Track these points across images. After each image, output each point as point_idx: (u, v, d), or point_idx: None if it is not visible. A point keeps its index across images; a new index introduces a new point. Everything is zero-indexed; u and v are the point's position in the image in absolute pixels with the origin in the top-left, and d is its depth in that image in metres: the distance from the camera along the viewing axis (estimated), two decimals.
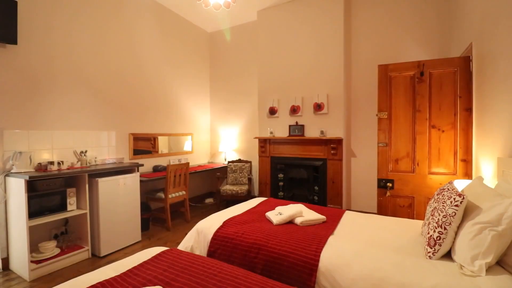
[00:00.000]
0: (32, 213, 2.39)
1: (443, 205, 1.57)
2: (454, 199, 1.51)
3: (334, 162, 3.79)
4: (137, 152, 3.86)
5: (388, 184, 2.80)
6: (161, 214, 3.65)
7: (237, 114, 5.12)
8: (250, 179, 4.62)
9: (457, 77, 2.63)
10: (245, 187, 4.35)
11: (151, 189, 3.86)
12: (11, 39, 2.49)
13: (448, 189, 1.68)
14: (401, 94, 2.83)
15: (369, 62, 3.86)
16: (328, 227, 1.96)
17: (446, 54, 3.37)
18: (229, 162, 4.81)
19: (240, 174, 4.64)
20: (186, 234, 3.32)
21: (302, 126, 4.10)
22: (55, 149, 2.85)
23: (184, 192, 3.82)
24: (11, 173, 2.46)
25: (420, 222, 2.14)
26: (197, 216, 4.12)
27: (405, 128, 2.79)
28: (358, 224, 2.06)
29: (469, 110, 2.56)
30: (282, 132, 4.30)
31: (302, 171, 4.19)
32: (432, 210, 1.69)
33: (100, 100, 3.35)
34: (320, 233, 1.82)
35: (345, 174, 3.86)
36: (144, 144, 4.03)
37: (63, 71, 2.97)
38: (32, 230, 2.40)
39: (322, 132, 3.87)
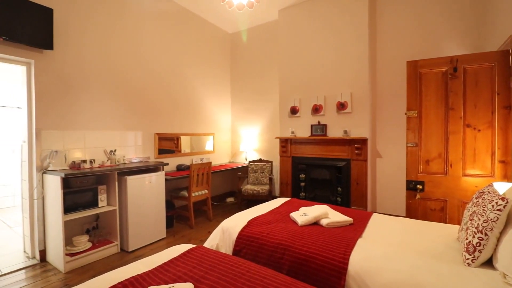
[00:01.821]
0: (67, 209, 2.53)
1: (483, 209, 1.47)
2: (497, 203, 1.41)
3: (358, 162, 3.68)
4: (161, 151, 3.97)
5: (418, 186, 2.68)
6: (184, 212, 3.73)
7: (258, 114, 5.12)
8: (271, 179, 4.60)
9: (494, 72, 2.46)
10: (266, 187, 4.34)
11: (175, 187, 3.95)
12: (48, 44, 2.65)
13: (488, 192, 1.58)
14: (432, 92, 2.69)
15: (395, 59, 3.72)
16: (356, 229, 1.91)
17: (481, 48, 3.17)
18: (250, 161, 4.82)
19: (261, 174, 4.64)
20: (209, 232, 3.40)
21: (325, 125, 4.02)
22: (87, 148, 3.00)
23: (206, 191, 3.88)
24: (48, 170, 2.61)
25: (455, 226, 2.02)
26: (219, 215, 4.17)
27: (437, 128, 2.65)
28: (387, 227, 1.99)
29: (508, 107, 2.39)
30: (303, 132, 4.24)
31: (324, 171, 4.11)
32: (471, 214, 1.59)
33: (127, 101, 3.48)
34: (348, 236, 1.77)
35: (370, 175, 3.74)
36: (167, 144, 4.14)
37: (94, 74, 3.12)
38: (66, 225, 2.53)
39: (345, 132, 3.77)
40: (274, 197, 4.64)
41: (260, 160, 4.83)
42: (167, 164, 3.42)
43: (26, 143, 2.67)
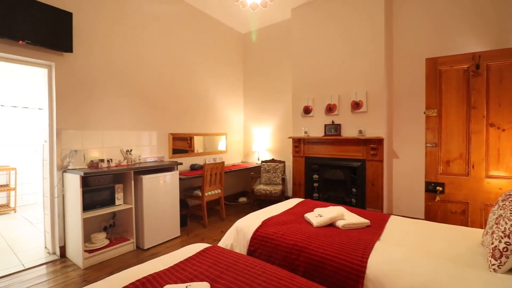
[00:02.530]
0: (85, 206, 2.60)
1: (511, 213, 1.40)
2: None
3: (373, 163, 3.60)
4: (175, 151, 4.02)
5: (437, 188, 2.58)
6: (198, 211, 3.77)
7: (270, 114, 5.11)
8: (283, 179, 4.57)
9: None
10: (278, 187, 4.32)
11: (188, 187, 4.00)
12: (67, 47, 2.73)
13: None
14: (452, 90, 2.60)
15: (413, 56, 3.60)
16: (373, 231, 1.86)
17: (504, 44, 3.02)
18: (262, 161, 4.81)
19: (274, 174, 4.62)
20: (222, 231, 3.41)
21: (339, 125, 3.95)
22: (104, 147, 3.07)
23: (219, 191, 3.90)
24: (68, 169, 2.70)
25: (478, 230, 1.94)
26: (232, 215, 4.18)
27: (458, 127, 2.55)
28: (406, 230, 1.93)
29: None
30: (317, 131, 4.19)
31: (338, 172, 4.05)
32: (497, 218, 1.52)
33: (143, 102, 3.55)
34: (365, 238, 1.73)
35: (386, 176, 3.65)
36: (181, 144, 4.19)
37: (111, 76, 3.19)
38: (85, 222, 2.60)
39: (360, 132, 3.70)
40: (287, 198, 4.61)
41: (272, 160, 4.81)
42: (181, 163, 3.46)
43: (47, 143, 2.77)
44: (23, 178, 4.89)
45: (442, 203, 2.60)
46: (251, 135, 5.41)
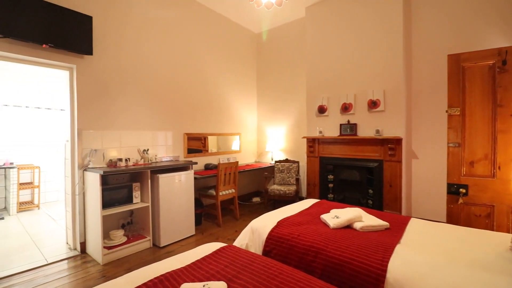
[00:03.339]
0: (104, 204, 2.67)
1: None
2: None
3: (391, 163, 3.49)
4: (190, 151, 4.07)
5: (461, 190, 2.48)
6: (212, 210, 3.79)
7: (284, 113, 5.07)
8: (297, 180, 4.53)
9: None
10: (293, 188, 4.29)
11: (203, 186, 4.03)
12: (88, 50, 2.82)
13: None
14: (477, 87, 2.48)
15: (433, 52, 3.46)
16: (393, 234, 1.80)
17: None
18: (276, 162, 4.79)
19: (288, 174, 4.58)
20: (236, 231, 3.42)
21: (355, 124, 3.87)
22: (122, 147, 3.15)
23: (233, 190, 3.91)
24: (88, 168, 2.78)
25: (505, 235, 1.84)
26: (245, 215, 4.19)
27: (483, 126, 2.43)
28: (428, 233, 1.85)
29: None
30: (332, 131, 4.12)
31: (354, 172, 3.96)
32: None
33: (158, 102, 3.61)
34: (385, 241, 1.68)
35: (404, 177, 3.53)
36: (195, 144, 4.23)
37: (129, 78, 3.27)
38: (104, 219, 2.67)
39: (377, 131, 3.60)
40: (301, 198, 4.57)
41: (286, 160, 4.78)
42: (196, 163, 3.49)
43: (69, 143, 2.87)
44: (46, 176, 5.11)
45: (466, 206, 2.49)
46: (265, 135, 5.40)
